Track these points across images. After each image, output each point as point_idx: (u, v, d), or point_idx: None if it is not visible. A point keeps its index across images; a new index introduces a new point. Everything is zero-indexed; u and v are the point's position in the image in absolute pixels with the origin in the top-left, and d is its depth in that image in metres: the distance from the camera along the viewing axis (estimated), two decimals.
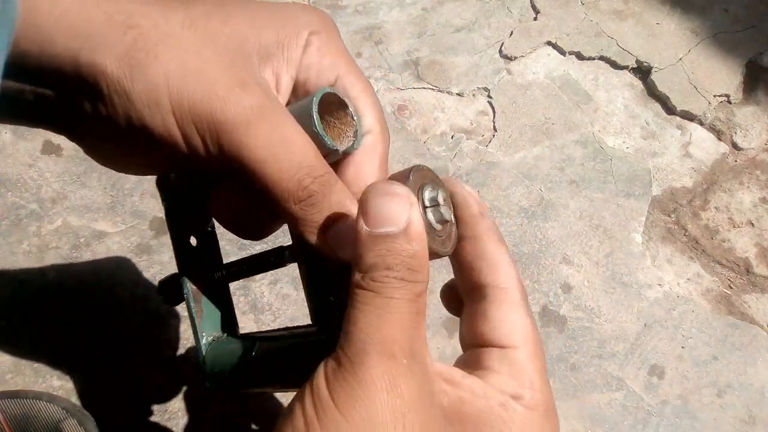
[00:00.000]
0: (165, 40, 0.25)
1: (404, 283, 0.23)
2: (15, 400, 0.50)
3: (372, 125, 0.29)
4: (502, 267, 0.29)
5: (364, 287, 0.23)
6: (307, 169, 0.26)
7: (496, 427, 0.24)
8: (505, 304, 0.28)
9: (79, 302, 0.60)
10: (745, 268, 0.71)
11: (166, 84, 0.24)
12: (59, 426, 0.49)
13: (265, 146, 0.25)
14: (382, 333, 0.23)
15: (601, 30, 0.88)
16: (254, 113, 0.25)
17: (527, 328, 0.28)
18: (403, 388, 0.22)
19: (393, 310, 0.23)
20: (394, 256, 0.23)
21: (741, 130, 0.81)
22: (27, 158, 0.68)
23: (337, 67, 0.29)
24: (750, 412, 0.61)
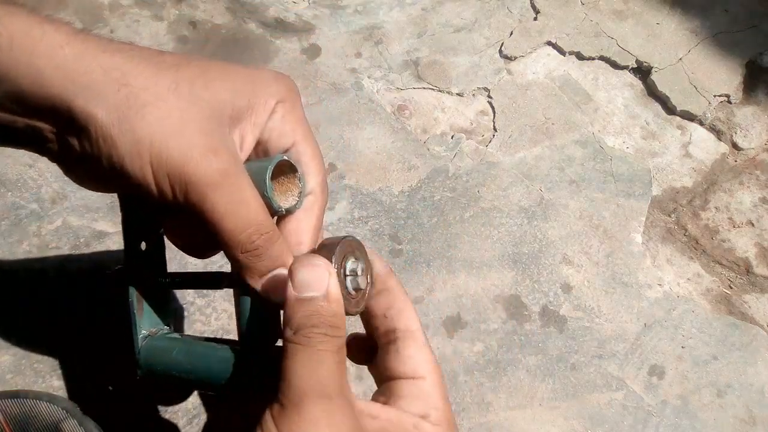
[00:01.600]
0: (153, 102, 0.29)
1: (327, 337, 0.29)
2: (15, 400, 0.50)
3: (314, 188, 0.35)
4: (409, 313, 0.35)
5: (296, 342, 0.28)
6: (257, 226, 0.31)
7: None
8: (413, 343, 0.34)
9: (79, 302, 0.60)
10: (745, 268, 0.71)
11: (149, 140, 0.29)
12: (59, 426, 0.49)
13: (225, 204, 0.30)
14: (316, 378, 0.28)
15: (601, 30, 0.88)
16: (220, 176, 0.30)
17: (431, 362, 0.34)
18: (340, 422, 0.28)
19: (322, 360, 0.28)
20: (318, 316, 0.29)
21: (741, 130, 0.81)
22: (27, 158, 0.68)
23: (295, 134, 0.34)
24: (750, 412, 0.61)
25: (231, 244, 0.31)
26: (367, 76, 0.81)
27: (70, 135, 0.30)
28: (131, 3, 0.82)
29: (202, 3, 0.85)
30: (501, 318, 0.65)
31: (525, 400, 0.60)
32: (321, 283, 0.29)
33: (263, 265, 0.32)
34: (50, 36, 0.29)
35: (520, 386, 0.61)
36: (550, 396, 0.61)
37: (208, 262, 0.47)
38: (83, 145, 0.30)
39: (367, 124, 0.76)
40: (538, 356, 0.63)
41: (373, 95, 0.79)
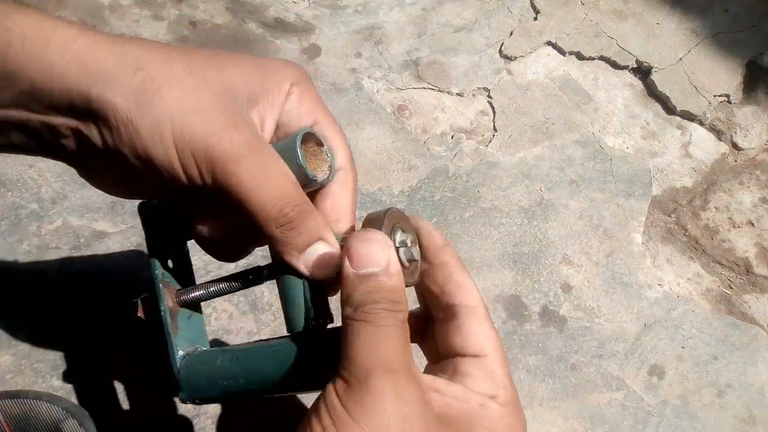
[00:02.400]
0: (170, 83, 0.29)
1: (390, 312, 0.28)
2: (15, 400, 0.50)
3: (343, 163, 0.34)
4: (469, 288, 0.33)
5: (357, 319, 0.28)
6: (288, 198, 0.30)
7: (479, 423, 0.29)
8: (475, 319, 0.32)
9: (79, 302, 0.60)
10: (745, 268, 0.71)
11: (170, 120, 0.28)
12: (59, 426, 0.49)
13: (252, 177, 0.29)
14: (380, 354, 0.27)
15: (601, 30, 0.88)
16: (245, 149, 0.29)
17: (494, 339, 0.32)
18: (407, 397, 0.27)
19: (387, 335, 0.28)
20: (379, 291, 0.28)
21: (741, 130, 0.81)
22: (27, 158, 0.68)
23: (315, 113, 0.33)
24: (750, 412, 0.61)
25: (264, 220, 0.30)
26: (367, 76, 0.81)
27: (88, 128, 0.30)
28: (131, 3, 0.82)
29: (202, 3, 0.85)
30: (501, 318, 0.65)
31: (525, 400, 0.60)
32: (381, 257, 0.28)
33: (301, 239, 0.31)
34: (62, 30, 0.28)
35: (520, 386, 0.61)
36: (550, 396, 0.61)
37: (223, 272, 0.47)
38: (104, 137, 0.30)
39: (367, 124, 0.76)
40: (538, 356, 0.63)
41: (373, 95, 0.79)
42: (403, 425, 0.26)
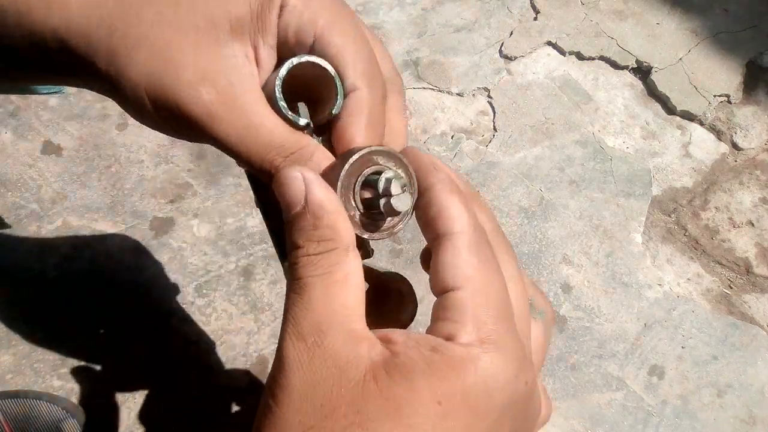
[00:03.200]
0: (139, 41, 0.27)
1: (311, 258, 0.25)
2: (15, 400, 0.50)
3: (355, 83, 0.28)
4: (453, 213, 0.27)
5: (288, 274, 0.25)
6: (277, 149, 0.27)
7: (424, 370, 0.23)
8: (451, 248, 0.26)
9: (79, 302, 0.60)
10: (745, 268, 0.71)
11: (143, 86, 0.27)
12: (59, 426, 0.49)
13: (230, 134, 0.27)
14: (291, 315, 0.24)
15: (601, 30, 0.88)
16: (215, 106, 0.26)
17: (471, 267, 0.25)
18: (312, 364, 0.23)
19: (301, 292, 0.24)
20: (300, 232, 0.25)
21: (741, 130, 0.81)
22: (27, 158, 0.68)
23: (316, 23, 0.28)
24: (750, 412, 0.61)
25: (259, 174, 0.27)
26: None
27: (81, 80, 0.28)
28: None
29: None
30: None
31: None
32: (297, 195, 0.25)
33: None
34: None
35: None
36: (551, 396, 0.61)
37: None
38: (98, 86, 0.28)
39: None
40: None
41: None
42: (309, 395, 0.23)
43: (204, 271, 0.62)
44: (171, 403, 0.56)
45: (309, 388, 0.23)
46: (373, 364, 0.23)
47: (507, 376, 0.23)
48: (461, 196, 0.27)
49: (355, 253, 0.25)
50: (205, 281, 0.62)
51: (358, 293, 0.25)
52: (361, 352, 0.24)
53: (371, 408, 0.23)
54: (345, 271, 0.25)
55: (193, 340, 0.60)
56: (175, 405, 0.56)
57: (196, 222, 0.65)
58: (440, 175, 0.28)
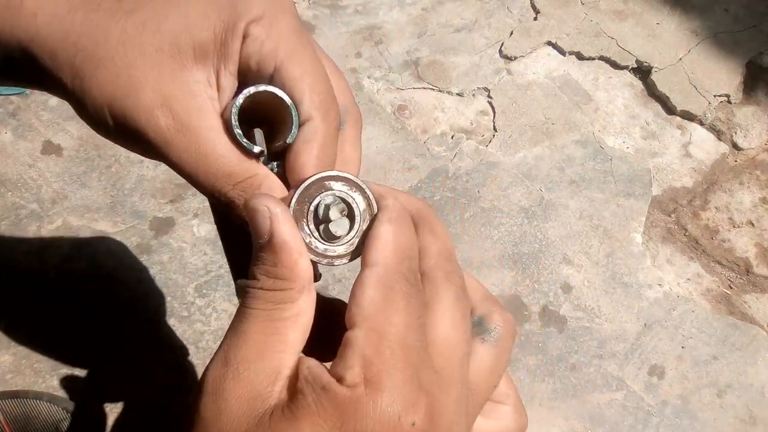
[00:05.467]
0: (104, 63, 0.27)
1: (262, 292, 0.25)
2: (15, 400, 0.50)
3: (310, 113, 0.28)
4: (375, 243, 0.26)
5: (239, 295, 0.25)
6: (226, 177, 0.28)
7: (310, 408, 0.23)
8: (359, 284, 0.25)
9: (79, 302, 0.60)
10: (745, 268, 0.71)
11: (105, 106, 0.27)
12: (59, 426, 0.49)
13: (183, 160, 0.27)
14: (226, 339, 0.25)
15: (601, 30, 0.88)
16: (170, 133, 0.27)
17: (372, 305, 0.24)
18: (226, 391, 0.24)
19: (243, 320, 0.25)
20: (259, 266, 0.25)
21: (741, 130, 0.81)
22: (27, 158, 0.68)
23: (277, 54, 0.28)
24: (750, 412, 0.61)
25: (211, 198, 0.28)
26: (367, 76, 0.81)
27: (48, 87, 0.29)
28: None
29: None
30: None
31: (525, 400, 0.60)
32: (262, 228, 0.24)
33: (248, 216, 0.27)
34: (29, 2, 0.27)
35: (520, 386, 0.61)
36: (550, 396, 0.61)
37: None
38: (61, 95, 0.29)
39: (367, 125, 0.76)
40: (538, 356, 0.63)
41: (373, 95, 0.79)
42: (216, 421, 0.23)
43: (204, 271, 0.62)
44: (171, 403, 0.56)
45: (218, 414, 0.23)
46: (278, 401, 0.23)
47: (387, 419, 0.22)
48: (397, 225, 0.26)
49: (310, 293, 0.25)
50: (205, 281, 0.62)
51: (302, 331, 0.25)
52: (275, 389, 0.24)
53: None
54: (296, 310, 0.25)
55: (194, 340, 0.60)
56: (175, 405, 0.56)
57: (196, 222, 0.65)
58: (386, 201, 0.27)
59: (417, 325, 0.25)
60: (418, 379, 0.23)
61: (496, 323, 0.28)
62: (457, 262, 0.28)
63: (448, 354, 0.25)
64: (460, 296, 0.26)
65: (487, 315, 0.28)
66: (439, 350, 0.25)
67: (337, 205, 0.26)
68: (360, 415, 0.22)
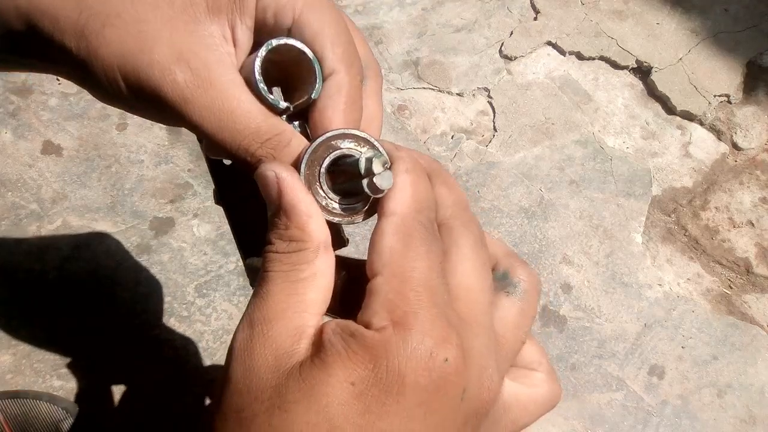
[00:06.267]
0: (111, 20, 0.26)
1: (278, 255, 0.25)
2: (15, 400, 0.50)
3: (334, 66, 0.27)
4: (393, 193, 0.26)
5: (247, 272, 0.25)
6: (253, 134, 0.26)
7: (340, 354, 0.23)
8: (377, 232, 0.25)
9: (79, 302, 0.60)
10: (745, 268, 0.71)
11: (115, 66, 0.26)
12: (59, 426, 0.49)
13: (205, 118, 0.26)
14: (249, 304, 0.24)
15: (601, 30, 0.88)
16: (190, 89, 0.26)
17: (391, 252, 0.24)
18: (254, 351, 0.24)
19: (263, 284, 0.25)
20: (273, 231, 0.25)
21: (741, 130, 0.81)
22: (27, 158, 0.68)
23: (294, 5, 0.27)
24: (750, 412, 0.61)
25: (236, 158, 0.27)
26: None
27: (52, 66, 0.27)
28: None
29: None
30: None
31: None
32: (272, 193, 0.24)
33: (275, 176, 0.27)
34: None
35: None
36: None
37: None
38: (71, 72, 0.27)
39: None
40: None
41: None
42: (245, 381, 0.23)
43: (204, 271, 0.62)
44: (171, 403, 0.56)
45: (246, 373, 0.24)
46: (305, 357, 0.24)
47: (419, 355, 0.22)
48: (414, 175, 0.26)
49: (328, 253, 0.25)
50: (205, 281, 0.62)
51: (321, 291, 0.25)
52: (300, 347, 0.24)
53: (291, 390, 0.23)
54: (312, 270, 0.25)
55: (194, 340, 0.60)
56: (176, 405, 0.56)
57: (196, 222, 0.65)
58: (400, 153, 0.27)
59: (438, 269, 0.24)
60: (446, 318, 0.23)
61: (520, 277, 0.27)
62: (472, 213, 0.28)
63: (471, 300, 0.25)
64: (479, 244, 0.26)
65: (511, 269, 0.27)
66: (462, 296, 0.25)
67: (379, 157, 0.25)
68: (391, 354, 0.22)
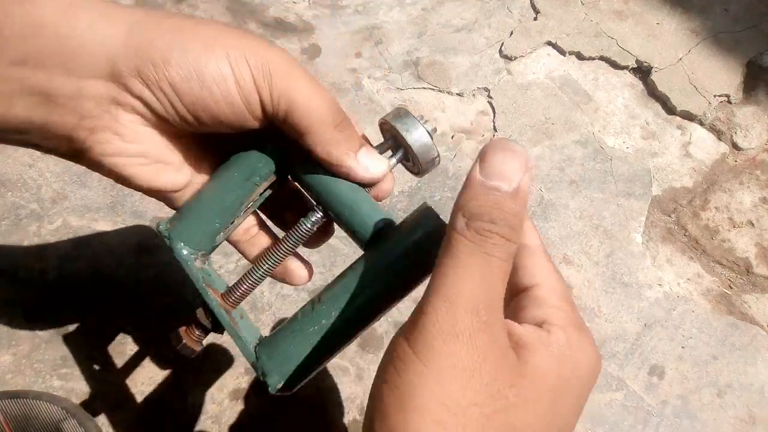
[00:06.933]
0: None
1: (503, 241, 0.25)
2: (15, 400, 0.50)
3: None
4: (529, 229, 0.32)
5: (468, 237, 0.24)
6: (337, 105, 0.33)
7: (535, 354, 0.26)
8: (530, 255, 0.31)
9: (79, 302, 0.60)
10: (745, 268, 0.71)
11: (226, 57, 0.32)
12: (59, 426, 0.49)
13: (308, 89, 0.31)
14: (474, 288, 0.24)
15: (601, 30, 0.88)
16: (298, 68, 0.32)
17: (548, 269, 0.31)
18: (480, 342, 0.24)
19: (489, 269, 0.24)
20: (500, 211, 0.25)
21: (741, 130, 0.81)
22: (27, 158, 0.68)
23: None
24: (750, 412, 0.61)
25: (320, 123, 0.31)
26: (367, 76, 0.81)
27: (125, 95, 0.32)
28: (131, 3, 0.82)
29: (202, 3, 0.85)
30: None
31: None
32: (514, 176, 0.25)
33: (353, 141, 0.32)
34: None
35: None
36: None
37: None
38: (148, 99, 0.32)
39: (367, 125, 0.76)
40: None
41: (373, 95, 0.79)
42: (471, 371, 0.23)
43: None
44: (171, 404, 0.56)
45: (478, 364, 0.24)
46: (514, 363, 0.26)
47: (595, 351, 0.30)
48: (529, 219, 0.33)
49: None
50: None
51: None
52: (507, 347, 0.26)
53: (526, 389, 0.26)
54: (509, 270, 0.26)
55: None
56: (176, 405, 0.56)
57: None
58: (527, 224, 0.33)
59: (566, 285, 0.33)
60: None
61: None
62: None
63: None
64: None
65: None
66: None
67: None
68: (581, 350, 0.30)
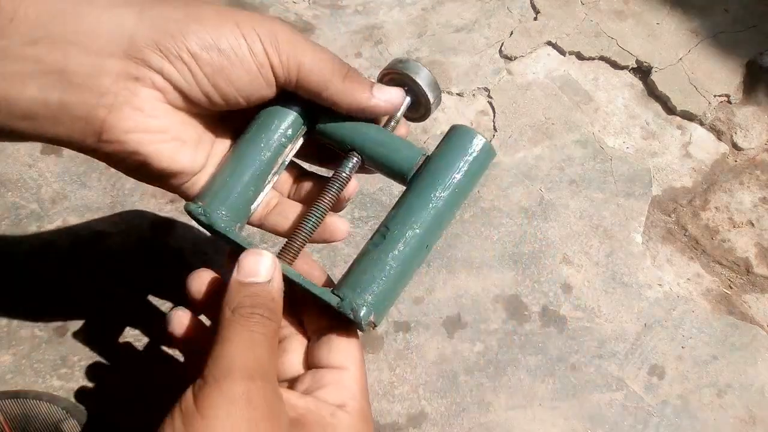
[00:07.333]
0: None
1: (264, 319, 0.30)
2: (15, 400, 0.50)
3: None
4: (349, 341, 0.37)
5: (234, 321, 0.30)
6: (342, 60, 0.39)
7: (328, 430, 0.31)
8: (345, 337, 0.36)
9: (79, 302, 0.60)
10: (745, 268, 0.71)
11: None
12: (59, 426, 0.49)
13: (314, 49, 0.36)
14: (244, 359, 0.29)
15: (601, 30, 0.88)
16: (301, 36, 0.37)
17: (356, 355, 0.35)
18: (258, 403, 0.28)
19: (255, 341, 0.30)
20: (258, 298, 0.30)
21: (741, 130, 0.81)
22: (27, 158, 0.68)
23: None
24: (750, 412, 0.61)
25: (331, 75, 0.36)
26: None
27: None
28: None
29: None
30: (501, 318, 0.65)
31: (525, 400, 0.60)
32: (264, 271, 0.31)
33: (365, 82, 0.39)
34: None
35: (520, 386, 0.61)
36: (550, 396, 0.61)
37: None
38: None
39: None
40: (538, 356, 0.63)
41: None
42: (249, 429, 0.27)
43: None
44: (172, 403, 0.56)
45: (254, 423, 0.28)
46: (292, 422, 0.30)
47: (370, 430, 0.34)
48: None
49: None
50: None
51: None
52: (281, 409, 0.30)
53: None
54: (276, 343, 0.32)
55: None
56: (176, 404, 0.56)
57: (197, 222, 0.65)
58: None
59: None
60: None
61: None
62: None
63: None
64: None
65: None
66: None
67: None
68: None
